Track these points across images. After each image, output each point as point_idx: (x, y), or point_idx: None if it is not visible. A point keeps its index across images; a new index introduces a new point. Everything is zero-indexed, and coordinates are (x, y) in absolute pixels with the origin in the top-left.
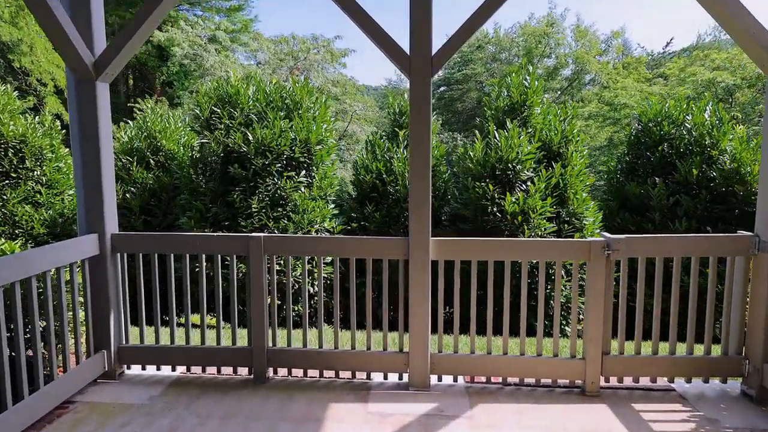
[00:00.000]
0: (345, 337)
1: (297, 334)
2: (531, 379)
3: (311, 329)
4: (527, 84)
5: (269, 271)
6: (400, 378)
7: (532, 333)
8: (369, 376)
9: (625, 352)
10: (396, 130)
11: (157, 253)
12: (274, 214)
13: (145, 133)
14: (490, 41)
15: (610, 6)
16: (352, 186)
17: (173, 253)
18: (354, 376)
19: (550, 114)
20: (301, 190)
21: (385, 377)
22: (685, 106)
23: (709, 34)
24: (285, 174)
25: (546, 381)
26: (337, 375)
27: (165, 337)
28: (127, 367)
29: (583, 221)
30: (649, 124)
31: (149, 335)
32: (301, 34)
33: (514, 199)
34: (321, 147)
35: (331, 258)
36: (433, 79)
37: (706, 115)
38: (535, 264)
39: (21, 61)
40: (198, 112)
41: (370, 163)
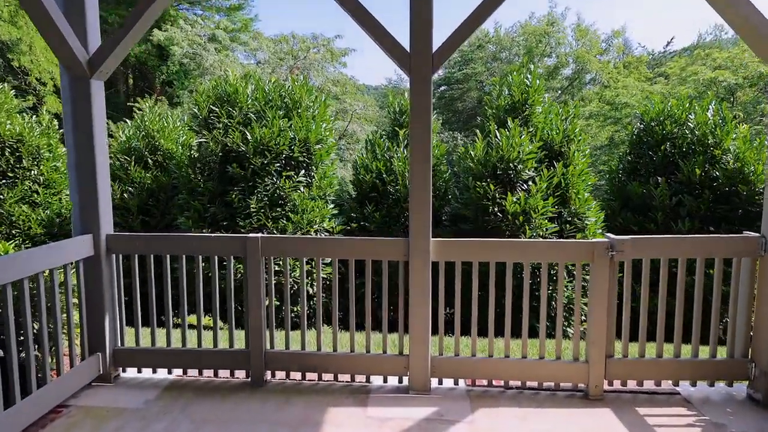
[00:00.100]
0: (344, 339)
1: (295, 335)
2: (533, 383)
3: (310, 331)
4: (529, 82)
5: (267, 273)
6: (400, 381)
7: (534, 334)
8: (368, 379)
9: (628, 354)
10: (396, 129)
11: (152, 254)
12: (273, 214)
13: (143, 133)
14: (491, 40)
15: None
16: (352, 186)
17: (169, 254)
18: (353, 379)
19: (552, 113)
20: (301, 189)
21: (385, 380)
22: (687, 105)
23: (710, 33)
24: (284, 173)
25: (548, 384)
26: (335, 378)
27: (161, 340)
28: (123, 370)
29: (585, 221)
30: (652, 124)
31: (145, 337)
32: (301, 33)
33: (515, 199)
34: (320, 146)
35: (330, 259)
36: (433, 77)
37: (709, 114)
38: (537, 264)
39: (20, 60)
40: (196, 111)
41: (370, 162)
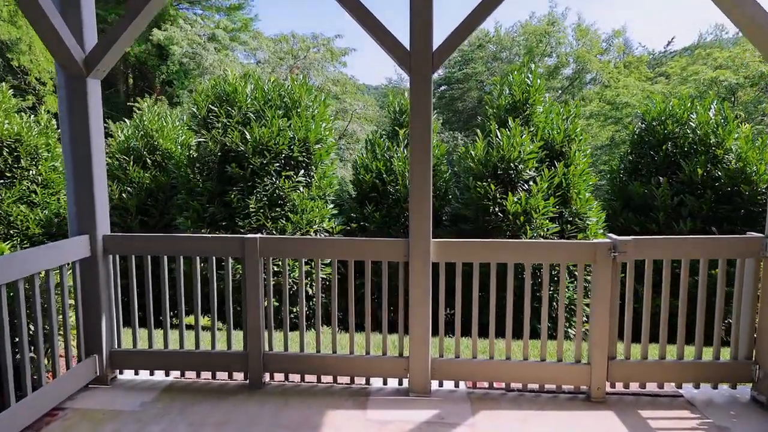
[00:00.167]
0: (344, 340)
1: (294, 336)
2: (534, 385)
3: (309, 332)
4: (529, 82)
5: (265, 274)
6: (400, 383)
7: (535, 336)
8: (368, 381)
9: (631, 356)
10: (396, 129)
11: (150, 255)
12: (272, 214)
13: (142, 132)
14: (491, 40)
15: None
16: (352, 185)
17: (166, 255)
18: (352, 381)
19: (553, 112)
20: (300, 189)
21: (385, 382)
22: (689, 104)
23: (711, 33)
24: (283, 173)
25: (550, 386)
26: (335, 380)
27: (159, 341)
28: (120, 372)
29: (587, 221)
30: (653, 123)
31: (142, 339)
32: (301, 33)
33: (516, 199)
34: (320, 146)
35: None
36: (433, 77)
37: (711, 114)
38: (538, 265)
39: (20, 59)
40: (195, 110)
41: (370, 162)
